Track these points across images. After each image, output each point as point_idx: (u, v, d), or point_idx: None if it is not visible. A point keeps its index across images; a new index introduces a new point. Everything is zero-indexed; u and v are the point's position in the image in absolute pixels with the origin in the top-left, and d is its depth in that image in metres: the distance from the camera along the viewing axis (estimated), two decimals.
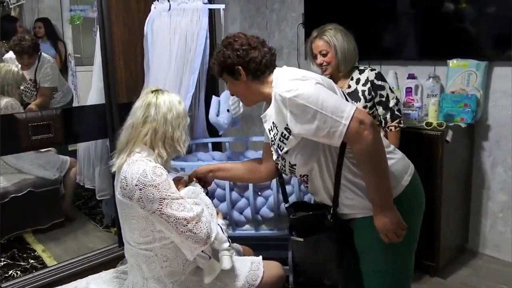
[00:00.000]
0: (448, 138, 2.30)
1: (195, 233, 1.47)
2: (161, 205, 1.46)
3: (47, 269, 2.48)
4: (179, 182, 1.68)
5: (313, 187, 1.56)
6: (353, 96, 2.13)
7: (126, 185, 1.50)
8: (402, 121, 2.16)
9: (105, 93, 2.55)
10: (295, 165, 1.51)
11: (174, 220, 1.46)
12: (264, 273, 1.76)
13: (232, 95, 1.66)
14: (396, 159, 1.49)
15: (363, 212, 1.47)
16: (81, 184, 3.19)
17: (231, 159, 2.59)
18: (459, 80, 2.46)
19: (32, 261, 2.77)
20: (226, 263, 1.60)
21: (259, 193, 2.31)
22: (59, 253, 2.88)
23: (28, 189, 2.99)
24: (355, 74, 2.19)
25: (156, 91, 1.62)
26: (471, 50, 2.49)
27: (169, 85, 2.38)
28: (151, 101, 1.59)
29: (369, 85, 2.13)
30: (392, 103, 2.15)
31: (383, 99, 2.14)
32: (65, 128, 2.47)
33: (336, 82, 1.82)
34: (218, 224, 1.63)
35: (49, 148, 3.15)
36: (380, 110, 2.16)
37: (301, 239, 1.60)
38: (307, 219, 1.62)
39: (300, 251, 1.69)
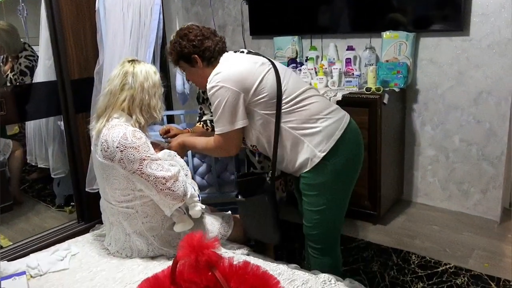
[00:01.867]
0: (385, 100, 2.59)
1: (173, 190, 1.61)
2: (141, 165, 1.58)
3: (5, 249, 2.45)
4: (156, 147, 1.79)
5: (264, 152, 1.80)
6: None
7: (107, 148, 1.59)
8: None
9: (56, 70, 2.54)
10: (243, 138, 1.78)
11: (153, 179, 1.58)
12: (235, 224, 1.94)
13: (188, 80, 1.88)
14: (326, 123, 1.68)
15: (309, 164, 1.69)
16: (33, 164, 3.14)
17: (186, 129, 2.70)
18: (392, 50, 2.76)
19: None
20: (195, 212, 1.73)
21: (219, 158, 2.46)
22: (13, 235, 2.83)
23: None
24: None
25: (133, 61, 1.72)
26: (401, 23, 2.81)
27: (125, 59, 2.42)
28: (128, 70, 1.68)
29: None
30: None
31: None
32: (17, 106, 2.44)
33: None
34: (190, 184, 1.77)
35: None
36: None
37: (243, 199, 1.84)
38: (250, 182, 1.87)
39: (244, 211, 1.90)
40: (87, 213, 2.72)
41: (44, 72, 2.83)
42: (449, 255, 2.44)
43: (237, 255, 1.70)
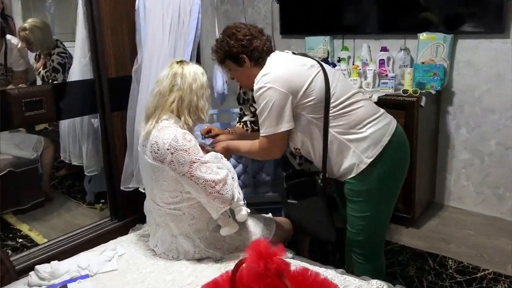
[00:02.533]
0: (422, 103, 2.57)
1: (222, 194, 1.61)
2: (191, 168, 1.58)
3: (41, 246, 2.46)
4: (202, 149, 1.79)
5: (307, 156, 1.79)
6: None
7: (158, 149, 1.59)
8: None
9: (93, 68, 2.55)
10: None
11: (203, 182, 1.58)
12: (276, 227, 1.94)
13: (232, 79, 1.86)
14: (373, 129, 1.66)
15: (354, 170, 1.67)
16: (66, 161, 3.17)
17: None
18: (429, 51, 2.73)
19: (20, 240, 2.74)
20: (241, 215, 1.73)
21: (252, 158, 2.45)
22: (46, 231, 2.86)
23: (8, 169, 2.93)
24: None
25: (181, 61, 1.72)
26: (435, 24, 2.77)
27: (163, 59, 2.42)
28: (177, 71, 1.68)
29: None
30: None
31: None
32: (56, 104, 2.46)
33: None
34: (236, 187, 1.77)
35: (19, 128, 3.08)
36: None
37: (295, 201, 1.84)
38: (301, 184, 1.87)
39: (296, 213, 1.91)
40: (120, 211, 2.73)
41: (79, 70, 2.84)
42: (487, 261, 2.42)
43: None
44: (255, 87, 1.66)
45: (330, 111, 1.65)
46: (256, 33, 1.74)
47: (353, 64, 3.00)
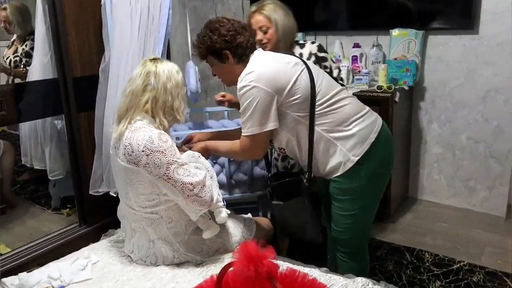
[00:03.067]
0: (397, 99, 2.59)
1: (201, 196, 1.54)
2: (168, 170, 1.50)
3: (5, 256, 2.32)
4: (179, 149, 1.71)
5: (292, 155, 1.75)
6: None
7: (132, 151, 1.51)
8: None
9: (57, 67, 2.42)
10: (271, 140, 1.72)
11: (181, 185, 1.51)
12: (256, 227, 1.89)
13: (214, 75, 1.77)
14: (360, 126, 1.63)
15: (341, 169, 1.64)
16: (28, 165, 3.00)
17: (193, 129, 2.63)
18: (401, 47, 2.75)
19: None
20: (221, 218, 1.67)
21: (232, 158, 2.40)
22: (10, 240, 2.69)
23: None
24: (297, 50, 2.06)
25: (155, 59, 1.64)
26: (408, 21, 2.80)
27: (132, 57, 2.33)
28: (150, 69, 1.60)
29: (313, 58, 2.03)
30: (335, 73, 2.09)
31: (328, 70, 2.04)
32: (17, 105, 2.31)
33: None
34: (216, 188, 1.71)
35: None
36: None
37: (281, 202, 1.79)
38: (286, 184, 1.82)
39: (281, 214, 1.85)
40: (89, 216, 2.61)
41: (40, 69, 2.69)
42: (462, 252, 2.46)
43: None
44: (239, 85, 1.60)
45: (316, 109, 1.61)
46: (239, 29, 1.66)
47: None
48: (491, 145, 2.73)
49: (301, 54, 2.05)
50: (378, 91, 2.61)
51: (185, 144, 1.88)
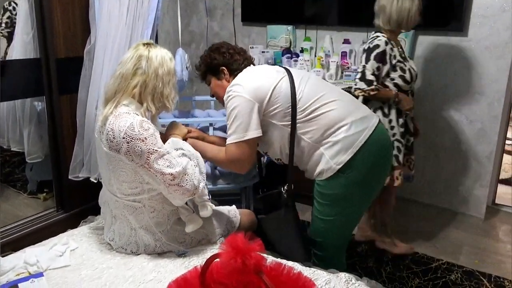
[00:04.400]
0: None
1: (182, 186, 1.50)
2: (148, 159, 1.46)
3: None
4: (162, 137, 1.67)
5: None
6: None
7: (113, 138, 1.47)
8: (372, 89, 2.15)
9: (40, 46, 2.33)
10: (267, 152, 1.76)
11: (161, 175, 1.48)
12: (240, 219, 1.87)
13: (212, 96, 1.84)
14: (346, 134, 1.59)
15: (324, 175, 1.63)
16: (4, 147, 2.90)
17: (178, 118, 2.59)
18: None
19: None
20: (205, 211, 1.65)
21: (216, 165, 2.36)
22: None
23: None
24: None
25: (148, 44, 1.60)
26: None
27: (120, 40, 2.26)
28: (142, 53, 1.56)
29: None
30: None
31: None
32: None
33: (395, 42, 2.20)
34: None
35: None
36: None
37: (264, 216, 1.80)
38: (268, 197, 1.82)
39: (267, 228, 1.83)
40: (67, 202, 2.55)
41: (22, 47, 2.59)
42: (440, 251, 2.49)
43: None
44: (225, 96, 1.65)
45: (299, 117, 1.61)
46: (239, 50, 1.78)
47: (316, 55, 2.97)
48: (474, 147, 2.77)
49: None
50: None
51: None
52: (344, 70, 2.80)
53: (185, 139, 1.77)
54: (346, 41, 2.95)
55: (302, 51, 3.03)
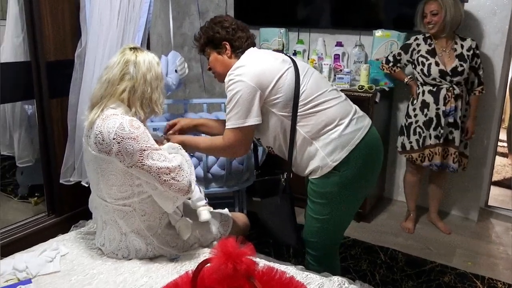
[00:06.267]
0: (377, 99, 2.59)
1: (178, 180, 1.49)
2: (142, 156, 1.45)
3: None
4: (157, 141, 1.66)
5: (280, 154, 1.73)
6: (460, 57, 2.47)
7: (103, 140, 1.45)
8: (483, 89, 2.57)
9: (30, 49, 2.32)
10: (259, 139, 1.72)
11: (156, 169, 1.46)
12: (233, 223, 1.86)
13: (209, 69, 1.78)
14: (342, 132, 1.59)
15: (318, 172, 1.62)
16: None
17: (170, 121, 2.57)
18: (383, 48, 2.75)
19: None
20: (204, 216, 1.65)
21: (212, 155, 2.35)
22: None
23: None
24: (458, 40, 2.51)
25: (135, 48, 1.58)
26: (389, 22, 2.82)
27: (110, 44, 2.25)
28: (130, 58, 1.54)
29: (472, 51, 2.47)
30: (480, 71, 2.53)
31: (476, 66, 2.51)
32: None
33: (436, 41, 2.51)
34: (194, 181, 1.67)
35: None
36: (472, 75, 2.51)
37: (259, 199, 1.79)
38: (266, 182, 1.82)
39: (261, 212, 1.84)
40: (58, 206, 2.52)
41: (12, 50, 2.58)
42: (433, 254, 2.49)
43: None
44: (226, 79, 1.60)
45: (299, 110, 1.59)
46: (242, 27, 1.72)
47: (309, 58, 2.97)
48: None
49: (462, 45, 2.49)
50: (359, 90, 2.61)
51: (168, 130, 1.84)
52: (337, 72, 2.80)
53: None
54: (339, 44, 2.96)
55: (295, 53, 3.03)
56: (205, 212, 1.66)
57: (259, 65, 1.59)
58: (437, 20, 2.43)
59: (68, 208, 2.53)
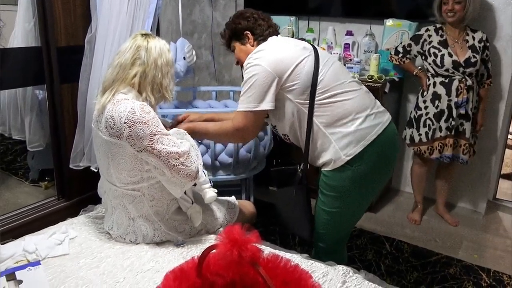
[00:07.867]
0: (386, 90, 2.58)
1: (187, 166, 1.51)
2: (152, 140, 1.47)
3: None
4: (165, 127, 1.67)
5: (296, 143, 1.72)
6: (473, 48, 2.46)
7: (114, 124, 1.46)
8: (491, 82, 2.57)
9: (41, 35, 2.33)
10: (275, 126, 1.72)
11: (166, 154, 1.48)
12: (239, 210, 1.87)
13: (237, 64, 1.80)
14: (359, 126, 1.58)
15: (331, 165, 1.61)
16: (6, 135, 2.91)
17: (179, 108, 2.59)
18: (394, 38, 2.73)
19: None
20: (210, 194, 1.65)
21: (221, 141, 2.36)
22: None
23: None
24: (469, 31, 2.50)
25: (146, 35, 1.60)
26: (401, 12, 2.78)
27: (120, 30, 2.25)
28: (141, 44, 1.56)
29: (483, 44, 2.47)
30: (489, 64, 2.54)
31: (487, 58, 2.51)
32: None
33: (450, 32, 2.49)
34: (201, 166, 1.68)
35: None
36: (482, 68, 2.50)
37: (275, 189, 1.79)
38: (283, 172, 1.80)
39: (275, 201, 1.85)
40: (68, 190, 2.56)
41: (23, 35, 2.59)
42: (439, 246, 2.49)
43: None
44: (245, 62, 1.61)
45: (316, 98, 1.57)
46: (263, 16, 1.75)
47: (319, 47, 2.95)
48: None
49: (473, 37, 2.47)
50: (369, 80, 2.59)
51: (177, 124, 1.84)
52: (347, 62, 2.78)
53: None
54: (349, 33, 2.93)
55: None
56: (210, 191, 1.65)
57: (278, 51, 1.59)
58: (459, 9, 2.39)
59: (77, 192, 2.56)
